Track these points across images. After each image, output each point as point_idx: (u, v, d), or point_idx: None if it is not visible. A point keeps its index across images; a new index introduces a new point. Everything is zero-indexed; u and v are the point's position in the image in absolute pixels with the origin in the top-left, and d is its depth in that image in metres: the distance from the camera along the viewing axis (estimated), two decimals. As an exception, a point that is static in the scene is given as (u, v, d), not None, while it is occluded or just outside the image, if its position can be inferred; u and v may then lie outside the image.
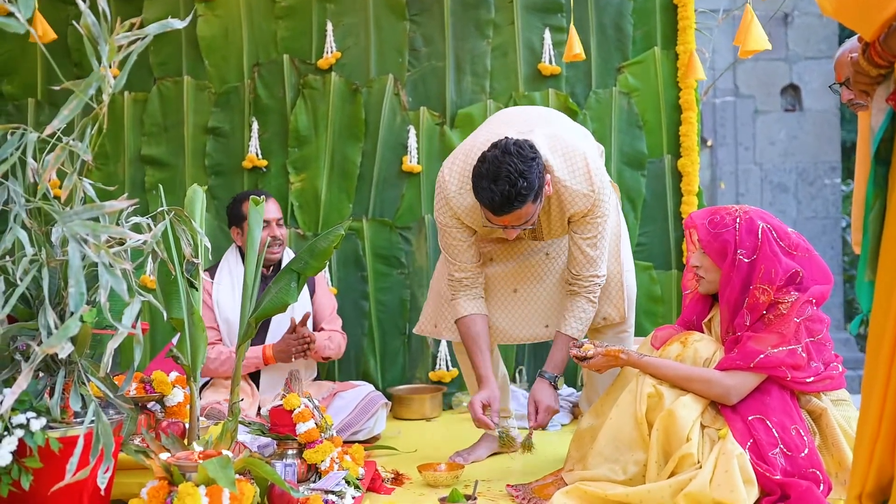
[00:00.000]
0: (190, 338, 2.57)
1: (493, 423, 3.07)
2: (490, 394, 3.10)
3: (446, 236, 3.19)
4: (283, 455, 2.78)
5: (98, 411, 2.13)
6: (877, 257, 1.78)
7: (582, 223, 3.10)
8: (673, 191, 4.52)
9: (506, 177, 2.79)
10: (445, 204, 3.12)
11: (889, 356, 1.71)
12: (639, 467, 2.67)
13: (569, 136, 3.14)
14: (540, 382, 3.14)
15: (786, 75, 7.84)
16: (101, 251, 2.03)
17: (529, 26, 4.54)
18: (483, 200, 2.87)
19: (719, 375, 2.69)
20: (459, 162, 3.11)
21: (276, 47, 4.60)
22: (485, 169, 2.84)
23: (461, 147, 3.19)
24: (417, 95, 4.58)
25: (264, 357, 3.72)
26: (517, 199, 2.81)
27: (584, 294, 3.17)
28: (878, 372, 1.73)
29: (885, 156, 1.77)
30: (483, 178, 2.84)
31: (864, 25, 1.67)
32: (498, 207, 2.84)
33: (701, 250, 2.86)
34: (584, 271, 3.15)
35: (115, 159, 4.62)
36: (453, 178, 3.10)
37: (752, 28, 3.79)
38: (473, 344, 3.19)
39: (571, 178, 3.02)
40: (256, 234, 2.80)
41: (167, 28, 2.20)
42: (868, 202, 1.80)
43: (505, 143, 2.86)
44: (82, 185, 2.26)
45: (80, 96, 2.07)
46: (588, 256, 3.13)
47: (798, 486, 2.49)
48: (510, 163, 2.79)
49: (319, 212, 4.55)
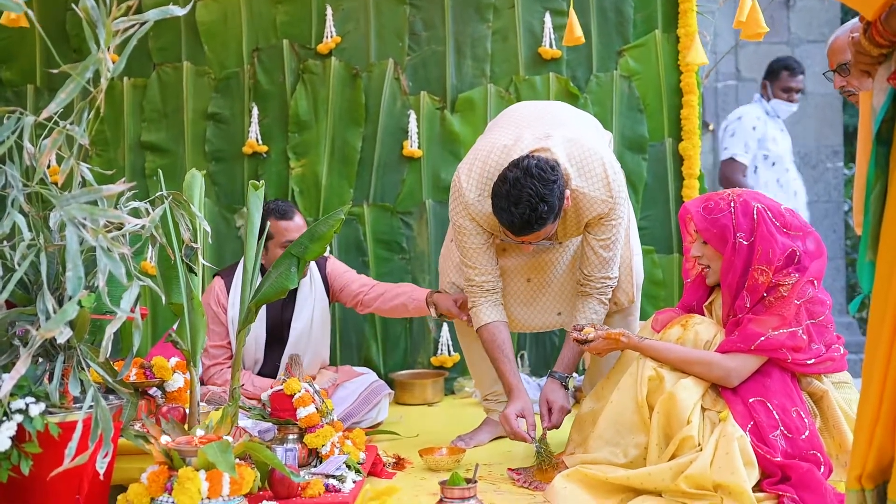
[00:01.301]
0: (189, 323, 2.57)
1: (530, 437, 3.02)
2: (524, 405, 3.06)
3: (465, 239, 3.16)
4: (283, 440, 2.78)
5: (97, 396, 2.13)
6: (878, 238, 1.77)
7: (598, 225, 3.08)
8: (674, 174, 4.51)
9: (527, 201, 2.78)
10: (464, 210, 3.10)
11: (890, 337, 1.70)
12: (639, 450, 2.67)
13: (586, 139, 3.12)
14: (551, 383, 3.13)
15: (788, 59, 7.80)
16: (100, 235, 2.02)
17: (530, 10, 4.51)
18: (503, 221, 2.87)
19: (720, 358, 2.68)
20: (477, 168, 3.08)
21: (276, 32, 4.58)
22: (505, 190, 2.82)
23: (477, 150, 3.16)
24: (418, 80, 4.56)
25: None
26: (537, 223, 2.82)
27: (595, 295, 3.17)
28: (878, 353, 1.73)
29: (887, 136, 1.76)
30: (503, 199, 2.82)
31: (865, 5, 1.67)
32: (518, 230, 2.85)
33: (700, 239, 2.85)
34: (597, 273, 3.14)
35: (115, 145, 4.61)
36: (471, 186, 3.08)
37: (751, 12, 3.78)
38: (499, 352, 3.15)
39: (589, 185, 3.02)
40: (256, 219, 2.79)
41: (167, 15, 2.19)
42: (869, 183, 1.79)
43: (527, 164, 2.83)
44: (80, 170, 2.25)
45: (78, 79, 2.06)
46: (601, 258, 3.12)
47: (798, 468, 2.49)
48: (531, 186, 2.78)
49: (320, 197, 4.54)
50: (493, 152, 3.07)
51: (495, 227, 3.09)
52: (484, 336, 3.19)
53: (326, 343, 3.89)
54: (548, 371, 4.44)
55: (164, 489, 2.11)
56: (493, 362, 3.19)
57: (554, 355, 4.48)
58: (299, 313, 3.73)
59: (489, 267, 3.19)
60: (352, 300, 3.83)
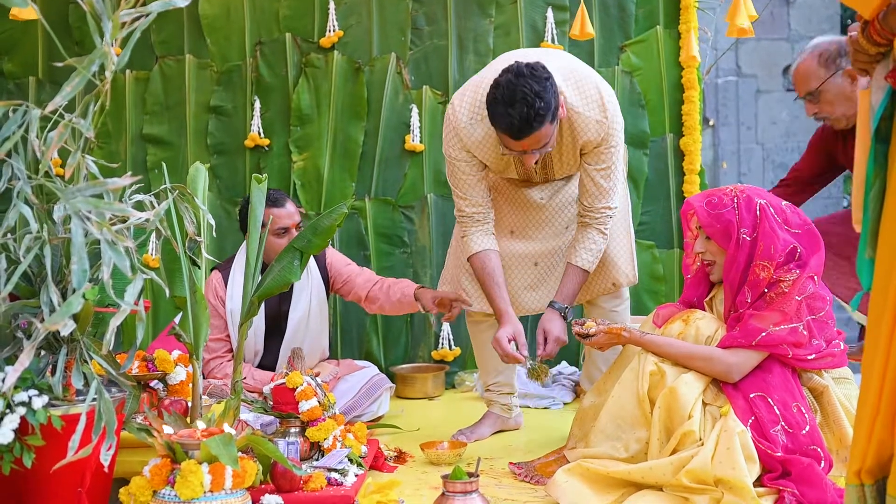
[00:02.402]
0: (192, 316, 2.57)
1: (522, 356, 3.02)
2: (514, 328, 3.06)
3: (456, 171, 3.16)
4: (285, 433, 2.79)
5: (100, 389, 2.13)
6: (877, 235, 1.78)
7: (594, 154, 3.07)
8: (675, 170, 4.51)
9: (522, 99, 2.75)
10: (455, 136, 3.09)
11: (889, 332, 1.71)
12: (641, 445, 2.68)
13: (581, 67, 3.13)
14: (550, 313, 3.11)
15: (788, 55, 7.79)
16: (104, 228, 2.03)
17: (532, 5, 4.51)
18: (501, 125, 2.83)
19: (721, 353, 2.69)
20: (469, 94, 3.08)
21: (279, 26, 4.58)
22: (500, 94, 2.79)
23: (470, 82, 3.16)
24: (420, 74, 4.56)
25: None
26: (535, 120, 2.78)
27: (595, 226, 3.15)
28: (877, 348, 1.73)
29: (886, 133, 1.77)
30: (499, 104, 2.79)
31: (862, 4, 1.66)
32: (517, 131, 2.80)
33: (703, 235, 2.85)
34: (597, 203, 3.12)
35: (117, 138, 4.62)
36: (463, 110, 3.07)
37: (741, 10, 3.82)
38: (490, 279, 3.14)
39: (584, 105, 3.00)
40: (259, 213, 2.79)
41: (170, 6, 2.19)
42: (868, 180, 1.79)
43: (517, 67, 2.81)
44: (85, 163, 2.26)
45: (83, 73, 2.06)
46: (601, 188, 3.11)
47: (799, 463, 2.50)
48: (525, 84, 2.76)
49: (322, 191, 4.55)
50: (486, 79, 3.03)
51: (489, 155, 3.08)
52: (475, 264, 3.19)
53: (325, 333, 3.89)
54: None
55: (167, 482, 2.11)
56: (484, 288, 3.19)
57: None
58: (296, 304, 3.74)
59: (480, 199, 3.18)
60: (356, 295, 3.82)
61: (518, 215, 3.35)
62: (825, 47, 3.34)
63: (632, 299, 4.42)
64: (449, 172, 3.22)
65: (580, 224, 3.18)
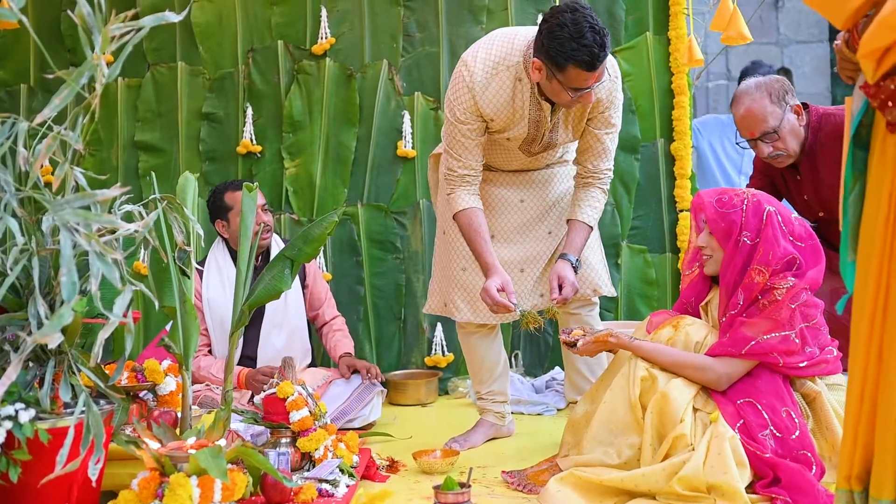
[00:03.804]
0: (182, 326, 2.56)
1: (511, 303, 3.03)
2: (502, 278, 3.07)
3: (456, 133, 3.15)
4: (276, 444, 2.78)
5: (88, 401, 2.12)
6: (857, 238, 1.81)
7: (601, 119, 3.17)
8: (666, 174, 4.52)
9: (590, 28, 2.81)
10: (468, 94, 3.09)
11: (867, 335, 1.74)
12: (633, 451, 2.67)
13: None
14: (562, 262, 3.14)
15: (777, 59, 7.83)
16: (93, 240, 2.02)
17: (522, 12, 4.52)
18: (579, 58, 2.83)
19: (711, 362, 2.69)
20: (483, 51, 3.10)
21: (271, 33, 4.58)
22: (567, 32, 2.82)
23: (480, 43, 3.17)
24: (412, 81, 4.56)
25: (238, 380, 3.69)
26: (606, 44, 2.86)
27: (598, 185, 3.26)
28: (858, 351, 1.77)
29: (865, 140, 1.80)
30: (569, 41, 2.82)
31: (835, 14, 1.71)
32: (596, 59, 2.84)
33: (707, 230, 2.85)
34: (602, 164, 3.25)
35: (109, 145, 4.61)
36: (478, 66, 3.08)
37: (733, 18, 3.83)
38: (477, 235, 3.15)
39: None
40: (250, 221, 2.78)
41: (162, 21, 2.18)
42: (847, 185, 1.84)
43: (569, 4, 2.87)
44: (73, 174, 2.24)
45: (72, 85, 2.05)
46: (607, 150, 3.24)
47: (787, 469, 2.50)
48: (586, 16, 2.83)
49: (314, 197, 4.55)
50: (497, 38, 3.11)
51: (500, 110, 3.10)
52: (461, 220, 3.19)
53: (303, 321, 3.95)
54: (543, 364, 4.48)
55: (155, 495, 2.09)
56: (470, 244, 3.19)
57: (547, 354, 4.50)
58: None
59: (474, 162, 3.19)
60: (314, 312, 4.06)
61: (495, 218, 3.37)
62: (769, 85, 3.37)
63: (624, 304, 4.46)
64: (447, 133, 3.20)
65: (582, 185, 3.27)
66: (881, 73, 1.64)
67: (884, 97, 1.66)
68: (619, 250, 4.46)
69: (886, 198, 1.71)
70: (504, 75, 3.06)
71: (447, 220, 3.37)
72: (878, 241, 1.72)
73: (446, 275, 3.42)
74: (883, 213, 1.71)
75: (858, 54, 1.65)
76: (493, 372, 3.45)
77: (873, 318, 1.73)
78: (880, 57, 1.62)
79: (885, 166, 1.73)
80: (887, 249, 1.71)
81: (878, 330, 1.72)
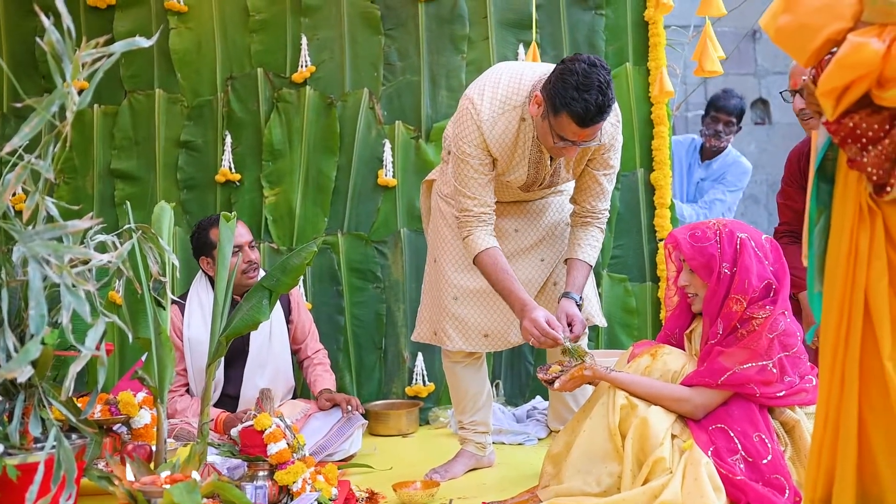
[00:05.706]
0: (157, 357, 2.53)
1: (562, 336, 2.97)
2: (545, 312, 3.01)
3: (468, 169, 3.13)
4: (253, 477, 2.73)
5: (59, 436, 2.08)
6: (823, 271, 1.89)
7: (602, 160, 3.20)
8: (646, 204, 4.52)
9: (597, 87, 2.82)
10: (476, 130, 3.08)
11: (831, 363, 1.82)
12: (613, 479, 2.67)
13: None
14: (567, 301, 3.14)
15: (755, 89, 7.91)
16: (64, 272, 1.98)
17: (503, 42, 4.52)
18: (574, 110, 2.84)
19: (688, 393, 2.71)
20: (489, 89, 3.10)
21: (250, 61, 4.56)
22: (574, 80, 2.84)
23: (485, 78, 3.17)
24: (392, 109, 4.55)
25: (215, 424, 3.61)
26: (605, 110, 2.86)
27: (596, 224, 3.29)
28: (823, 379, 1.86)
29: (830, 173, 1.86)
30: (573, 89, 2.83)
31: (799, 53, 1.77)
32: (591, 117, 2.85)
33: (687, 268, 2.85)
34: (600, 205, 3.28)
35: (84, 173, 4.56)
36: (484, 104, 3.08)
37: (705, 51, 3.89)
38: (505, 274, 3.10)
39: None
40: (227, 251, 2.76)
41: (133, 46, 2.16)
42: (811, 217, 1.89)
43: (587, 57, 2.89)
44: (45, 205, 2.21)
45: (42, 114, 2.02)
46: (605, 190, 3.27)
47: (757, 493, 2.53)
48: (599, 74, 2.84)
49: (294, 226, 4.51)
50: (504, 75, 3.12)
51: (504, 150, 3.10)
52: (485, 261, 3.13)
53: (287, 359, 3.91)
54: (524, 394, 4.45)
55: (129, 532, 2.06)
56: (498, 283, 3.11)
57: (528, 384, 4.48)
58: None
59: (488, 199, 3.18)
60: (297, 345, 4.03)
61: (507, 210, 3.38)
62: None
63: (605, 333, 4.44)
64: (457, 172, 3.18)
65: (581, 224, 3.29)
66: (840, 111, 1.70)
67: (843, 134, 1.73)
68: (599, 279, 4.45)
69: (848, 232, 1.78)
70: (510, 115, 3.07)
71: (439, 249, 3.36)
72: (839, 274, 1.80)
73: (437, 304, 3.40)
74: (845, 245, 1.79)
75: (818, 92, 1.72)
76: (477, 401, 3.42)
77: (836, 348, 1.81)
78: (839, 95, 1.69)
79: (846, 200, 1.80)
80: (849, 282, 1.78)
81: (841, 359, 1.81)
